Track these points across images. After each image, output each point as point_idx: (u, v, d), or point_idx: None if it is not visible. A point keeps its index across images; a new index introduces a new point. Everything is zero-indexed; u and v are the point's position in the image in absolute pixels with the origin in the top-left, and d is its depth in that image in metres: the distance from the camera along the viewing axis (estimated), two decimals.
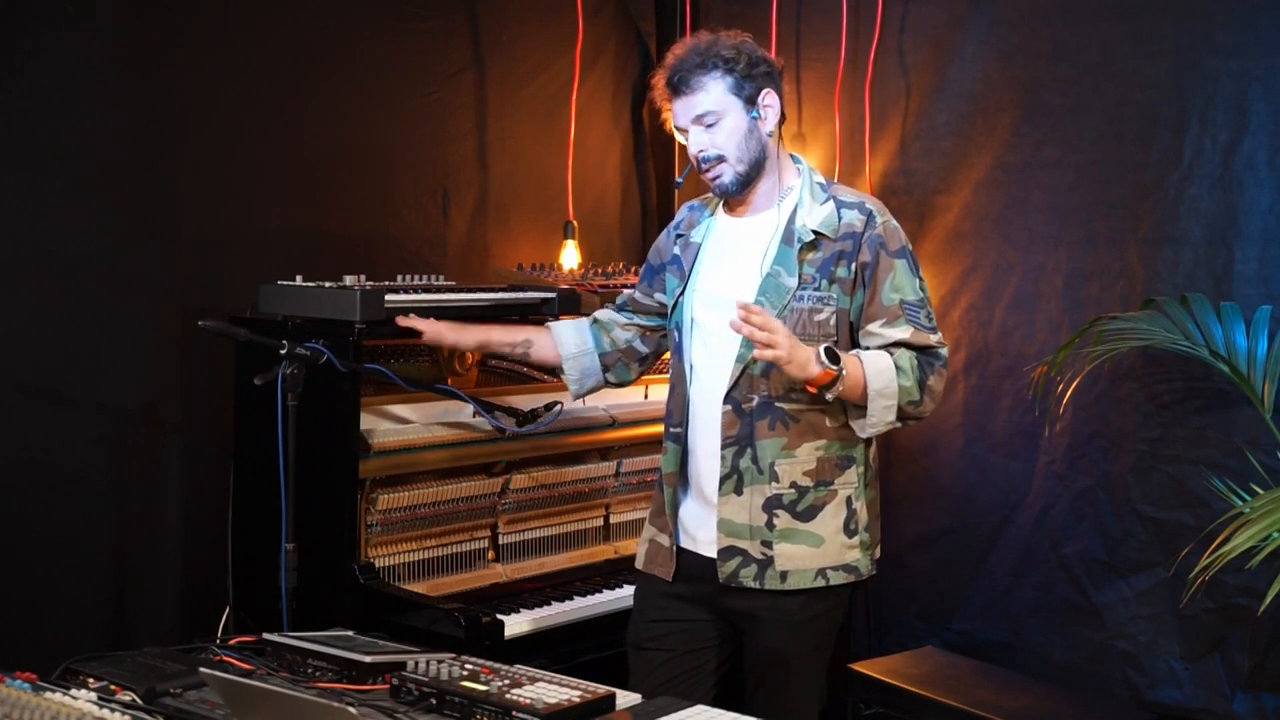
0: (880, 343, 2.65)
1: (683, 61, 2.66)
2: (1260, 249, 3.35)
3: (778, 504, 2.65)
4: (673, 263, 2.86)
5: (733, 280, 2.71)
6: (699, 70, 2.64)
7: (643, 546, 2.87)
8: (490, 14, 4.03)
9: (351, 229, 3.68)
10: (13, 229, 3.08)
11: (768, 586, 2.65)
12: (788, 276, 2.64)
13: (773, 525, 2.65)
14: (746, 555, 2.65)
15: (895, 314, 2.65)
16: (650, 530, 2.86)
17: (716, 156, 2.67)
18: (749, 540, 2.65)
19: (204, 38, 3.38)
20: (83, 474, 3.19)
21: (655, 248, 2.98)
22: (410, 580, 3.10)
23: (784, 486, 2.65)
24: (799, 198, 2.71)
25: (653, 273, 2.95)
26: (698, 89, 2.64)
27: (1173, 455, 3.48)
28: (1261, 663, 3.35)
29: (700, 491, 2.74)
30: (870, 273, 2.65)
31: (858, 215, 2.67)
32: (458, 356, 3.34)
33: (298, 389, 2.72)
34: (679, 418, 2.76)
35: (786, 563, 2.65)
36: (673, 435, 2.77)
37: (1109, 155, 3.60)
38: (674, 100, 2.69)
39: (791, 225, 2.68)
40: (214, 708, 2.10)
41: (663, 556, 2.79)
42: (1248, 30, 3.37)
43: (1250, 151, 3.37)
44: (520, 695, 2.05)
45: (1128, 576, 3.57)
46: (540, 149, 4.18)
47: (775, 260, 2.66)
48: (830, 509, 2.68)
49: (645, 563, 2.84)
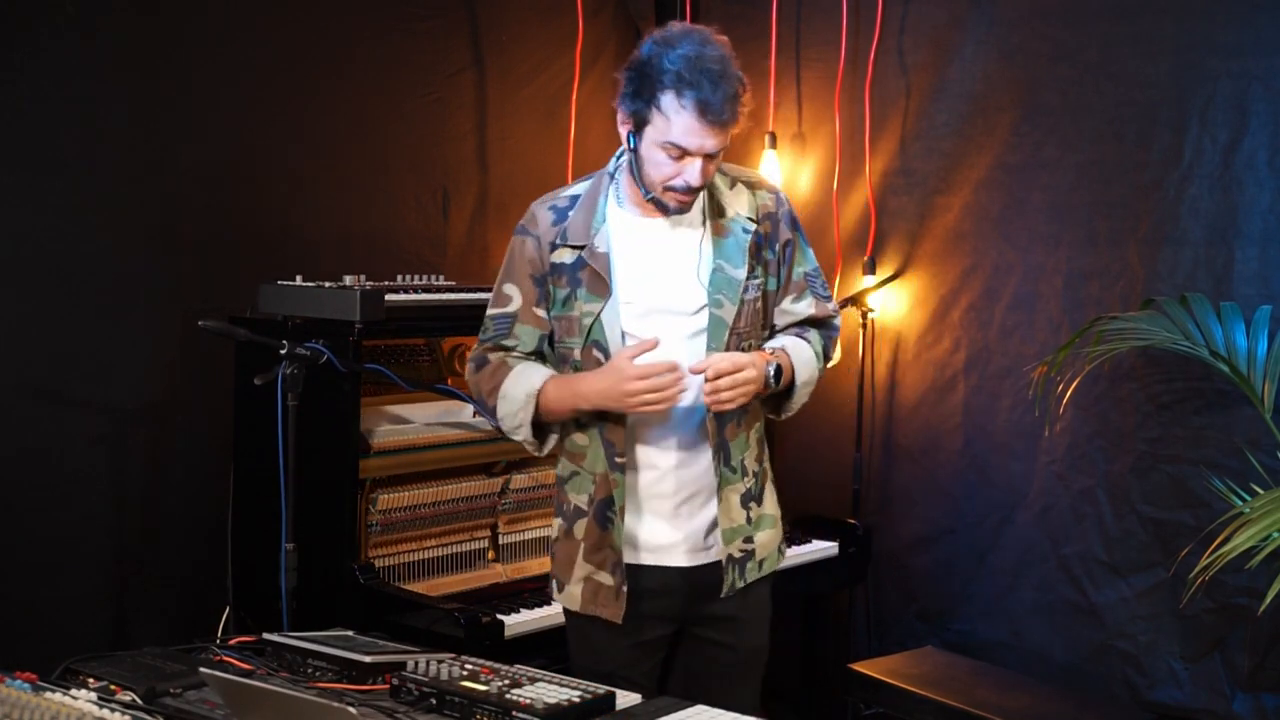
0: (790, 320, 2.62)
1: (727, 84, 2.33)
2: (1260, 249, 3.36)
3: (750, 496, 2.58)
4: (559, 273, 2.51)
5: (671, 285, 2.49)
6: (737, 101, 2.35)
7: (575, 586, 2.55)
8: (490, 14, 4.03)
9: (351, 229, 3.68)
10: (13, 229, 3.08)
11: (750, 579, 2.58)
12: (734, 269, 2.49)
13: (750, 519, 2.57)
14: (730, 558, 2.54)
15: (801, 287, 2.63)
16: (584, 568, 2.54)
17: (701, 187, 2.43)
18: (734, 543, 2.55)
19: (204, 38, 3.38)
20: (83, 474, 3.19)
21: (525, 260, 2.54)
22: (410, 580, 3.10)
23: (750, 478, 2.58)
24: (710, 185, 2.50)
25: (540, 287, 2.54)
26: (729, 123, 2.36)
27: (1173, 455, 3.48)
28: (1261, 663, 3.35)
29: (655, 510, 2.53)
30: (790, 250, 2.60)
31: (768, 195, 2.58)
32: (458, 356, 3.35)
33: (298, 389, 2.72)
34: (622, 446, 2.48)
35: (763, 551, 2.60)
36: (618, 465, 2.49)
37: (1109, 155, 3.60)
38: (702, 125, 2.34)
39: (721, 217, 2.51)
40: (214, 708, 2.10)
41: (606, 596, 2.52)
42: (1248, 30, 3.37)
43: (1250, 151, 3.37)
44: (520, 695, 2.05)
45: (1128, 576, 3.57)
46: (540, 149, 4.18)
47: (716, 253, 2.49)
48: (769, 487, 2.65)
49: (584, 604, 2.54)
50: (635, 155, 2.43)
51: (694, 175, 2.39)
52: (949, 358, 3.91)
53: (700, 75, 2.31)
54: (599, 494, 2.52)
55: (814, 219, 4.21)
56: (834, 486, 4.09)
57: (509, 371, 2.54)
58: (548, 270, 2.53)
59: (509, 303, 2.57)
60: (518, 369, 2.54)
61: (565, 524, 2.59)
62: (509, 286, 2.57)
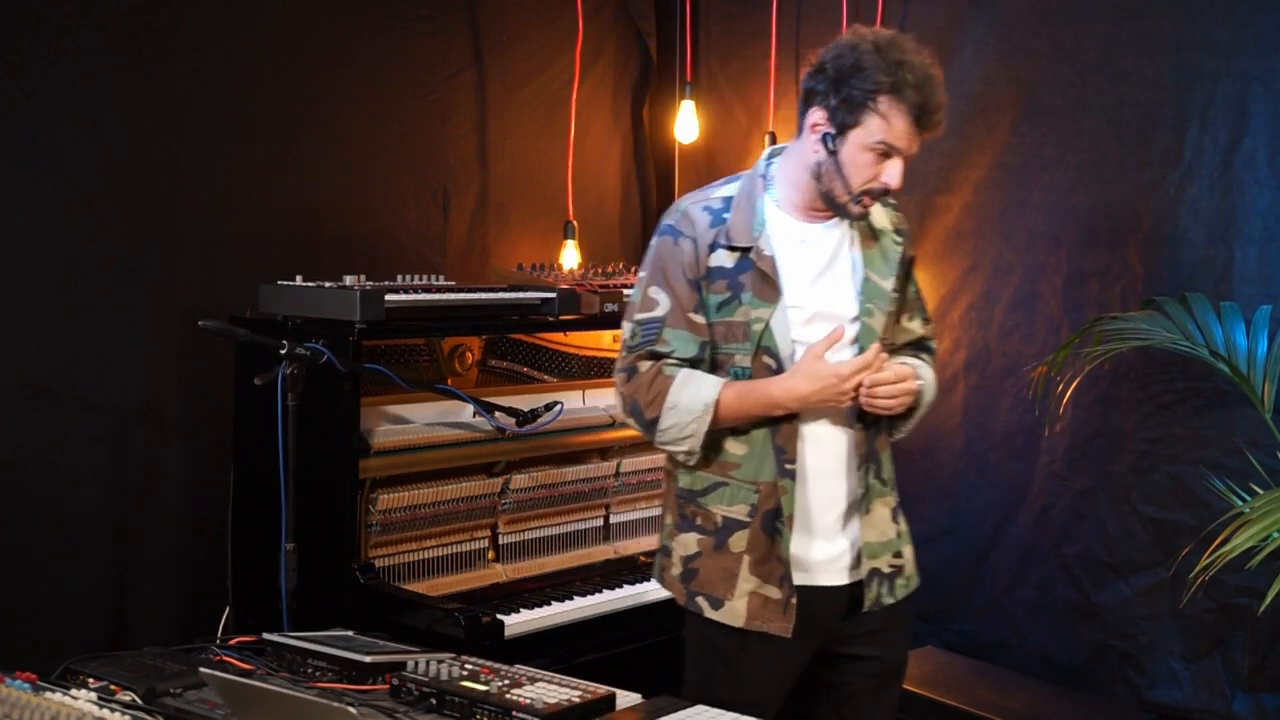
0: (907, 338, 2.60)
1: (938, 93, 2.39)
2: (1260, 249, 3.36)
3: (898, 511, 2.56)
4: (717, 277, 2.43)
5: (832, 292, 2.46)
6: (942, 112, 2.41)
7: (738, 601, 2.44)
8: (490, 14, 4.03)
9: (351, 229, 3.68)
10: (13, 229, 3.08)
11: (899, 596, 2.52)
12: (882, 280, 2.49)
13: (899, 533, 2.54)
14: (880, 573, 2.48)
15: (915, 305, 2.63)
16: (751, 581, 2.44)
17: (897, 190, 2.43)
18: (885, 557, 2.49)
19: (204, 38, 3.38)
20: (83, 474, 3.20)
21: (679, 263, 2.45)
22: (410, 580, 3.10)
23: (896, 492, 2.56)
24: None
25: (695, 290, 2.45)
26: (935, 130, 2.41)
27: (1173, 455, 3.48)
28: (1261, 663, 3.35)
29: (815, 525, 2.45)
30: (911, 267, 2.60)
31: (894, 211, 2.59)
32: (458, 356, 3.35)
33: (298, 389, 2.72)
34: (792, 451, 2.42)
35: (908, 566, 2.56)
36: (788, 473, 2.42)
37: (1109, 155, 3.60)
38: (912, 128, 2.37)
39: (869, 225, 2.51)
40: (214, 708, 2.10)
41: (773, 610, 2.43)
42: (1248, 30, 3.37)
43: (1250, 151, 3.37)
44: (520, 695, 2.05)
45: (1128, 576, 3.57)
46: (540, 149, 4.18)
47: (866, 263, 2.48)
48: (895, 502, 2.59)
49: (749, 619, 2.44)
50: (834, 158, 2.38)
51: (894, 176, 2.39)
52: (949, 358, 3.91)
53: (922, 80, 2.36)
54: (765, 504, 2.43)
55: None
56: None
57: (670, 382, 2.43)
58: (704, 274, 2.44)
59: (656, 307, 2.47)
60: (680, 378, 2.43)
61: (712, 538, 2.47)
62: (656, 290, 2.47)
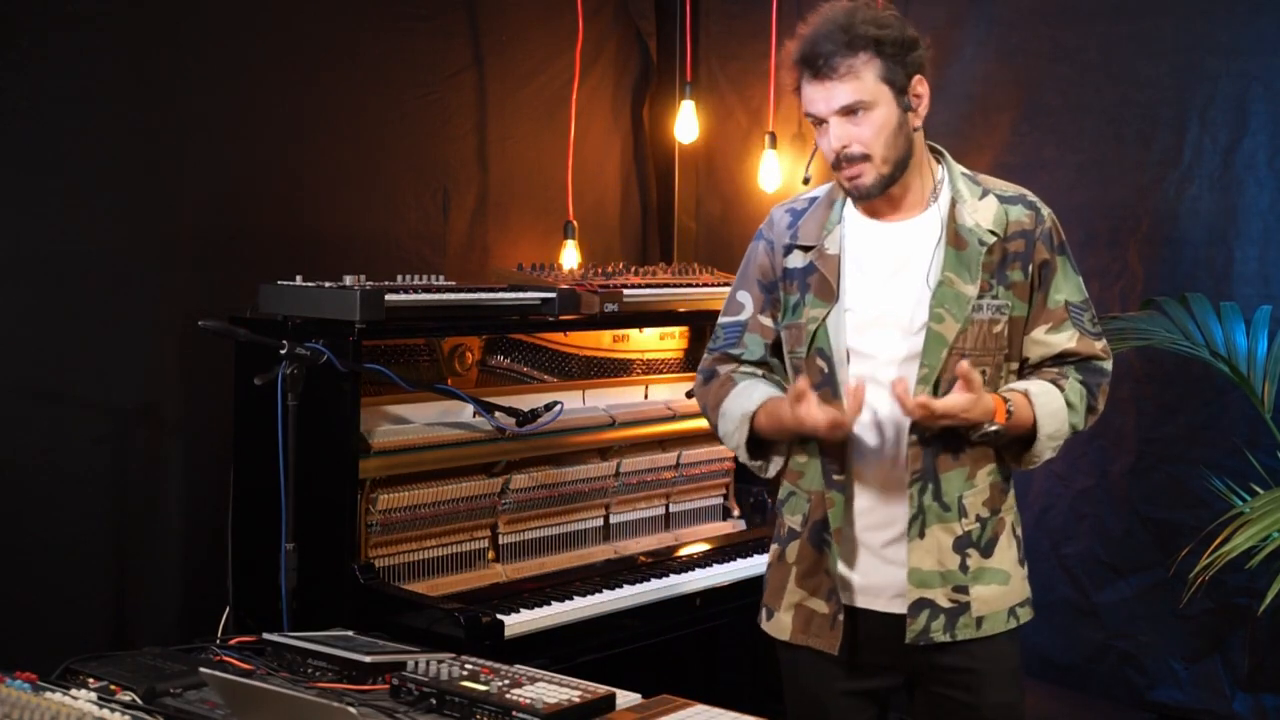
0: (1045, 352, 2.37)
1: (826, 38, 2.24)
2: (1260, 249, 3.36)
3: (968, 542, 2.33)
4: (790, 279, 2.42)
5: (896, 296, 2.34)
6: (846, 51, 2.23)
7: (787, 613, 2.43)
8: (490, 14, 4.03)
9: (351, 229, 3.68)
10: (13, 229, 3.08)
11: (960, 636, 2.32)
12: (964, 284, 2.30)
13: (966, 567, 2.32)
14: (934, 606, 2.31)
15: (1061, 317, 2.36)
16: (797, 593, 2.42)
17: (861, 155, 2.27)
18: (939, 588, 2.31)
19: (204, 38, 3.38)
20: (83, 474, 3.19)
21: (757, 265, 2.48)
22: (410, 580, 3.10)
23: (971, 521, 2.33)
24: (953, 192, 2.37)
25: (770, 295, 2.46)
26: (846, 74, 2.23)
27: (1173, 455, 3.48)
28: (1261, 663, 3.35)
29: (866, 543, 2.36)
30: (1046, 272, 2.36)
31: (1025, 211, 2.36)
32: (458, 356, 3.35)
33: (298, 389, 2.72)
34: (841, 463, 2.35)
35: (982, 607, 2.33)
36: (837, 484, 2.35)
37: (1109, 155, 3.60)
38: (812, 84, 2.27)
39: (958, 225, 2.33)
40: (214, 708, 2.10)
41: (820, 625, 2.38)
42: (1248, 30, 3.37)
43: (1250, 151, 3.38)
44: (520, 695, 2.05)
45: (1128, 576, 3.57)
46: (540, 149, 4.18)
47: (946, 266, 2.31)
48: (1003, 540, 2.37)
49: (795, 632, 2.42)
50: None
51: (827, 143, 2.30)
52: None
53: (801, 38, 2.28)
54: (815, 514, 2.39)
55: None
56: None
57: (731, 389, 2.46)
58: (779, 276, 2.43)
59: (741, 310, 2.49)
60: (740, 386, 2.45)
61: (779, 548, 2.47)
62: (741, 294, 2.49)
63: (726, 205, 4.48)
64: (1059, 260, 2.38)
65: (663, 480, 3.70)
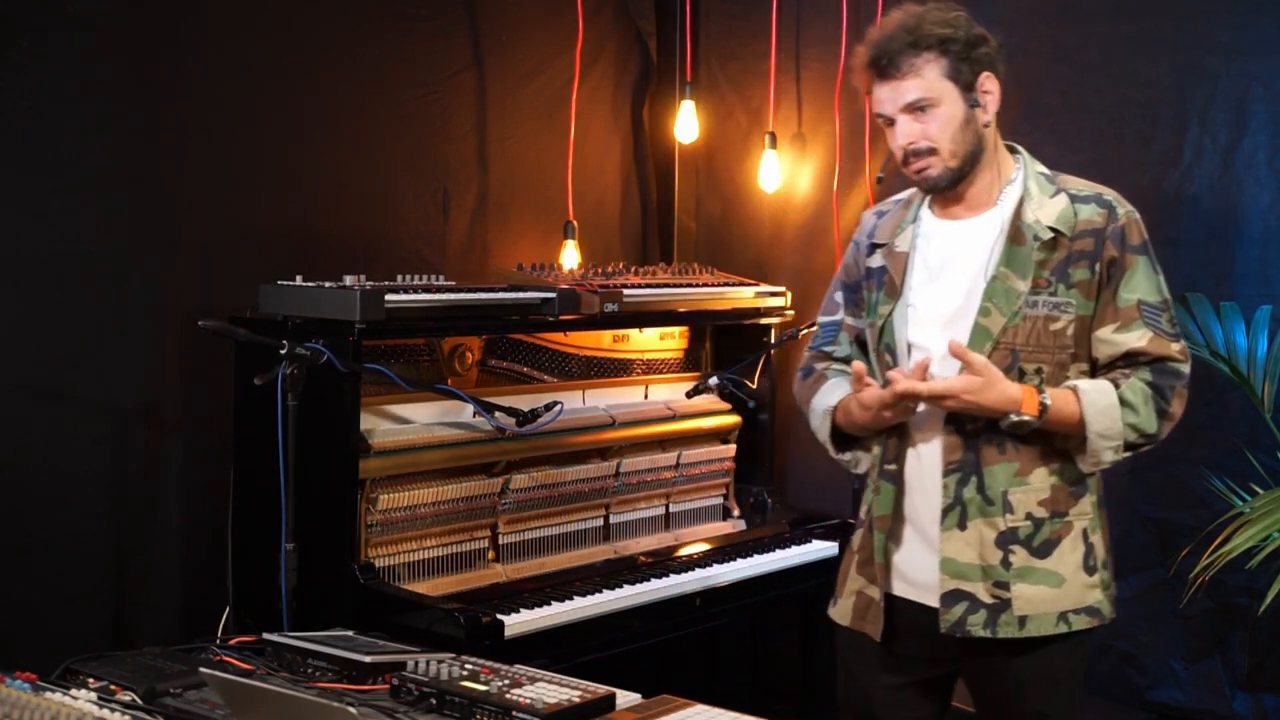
0: (1112, 351, 2.36)
1: (890, 40, 2.33)
2: (1260, 249, 3.36)
3: (1013, 539, 2.33)
4: (870, 277, 2.52)
5: (953, 292, 2.39)
6: (910, 50, 2.32)
7: (848, 599, 2.52)
8: (490, 14, 4.03)
9: (351, 229, 3.68)
10: (13, 229, 3.08)
11: (1001, 634, 2.32)
12: (1018, 279, 2.34)
13: (1009, 564, 2.33)
14: (974, 600, 2.33)
15: (1131, 316, 2.35)
16: (858, 580, 2.51)
17: (927, 149, 2.35)
18: (978, 582, 2.33)
19: (204, 38, 3.38)
20: (83, 474, 3.19)
21: (844, 266, 2.63)
22: (410, 580, 3.10)
23: (1019, 518, 2.33)
24: (1023, 190, 2.41)
25: (853, 295, 2.59)
26: (909, 72, 2.32)
27: (1173, 455, 3.47)
28: (1261, 663, 3.35)
29: (922, 533, 2.41)
30: (1115, 271, 2.36)
31: (1097, 209, 2.37)
32: (458, 356, 3.35)
33: (298, 389, 2.72)
34: (894, 453, 2.43)
35: (1026, 606, 2.33)
36: (887, 474, 2.43)
37: (1109, 155, 3.60)
38: (879, 84, 2.36)
39: (1020, 221, 2.37)
40: (214, 708, 2.10)
41: (874, 612, 2.45)
42: (1248, 30, 3.37)
43: (1250, 151, 3.38)
44: (520, 695, 2.05)
45: (1128, 576, 3.56)
46: (540, 149, 4.18)
47: (1001, 261, 2.35)
48: (1067, 544, 2.36)
49: (854, 618, 2.50)
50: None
51: (895, 140, 2.40)
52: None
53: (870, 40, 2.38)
54: (872, 504, 2.49)
55: (814, 219, 4.21)
56: (834, 486, 4.08)
57: (821, 385, 2.58)
58: (862, 275, 2.55)
59: (835, 310, 2.63)
60: (828, 384, 2.57)
61: (854, 537, 2.58)
62: (836, 294, 2.64)
63: (726, 205, 4.48)
64: (1134, 259, 2.37)
65: (663, 480, 3.70)
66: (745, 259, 4.33)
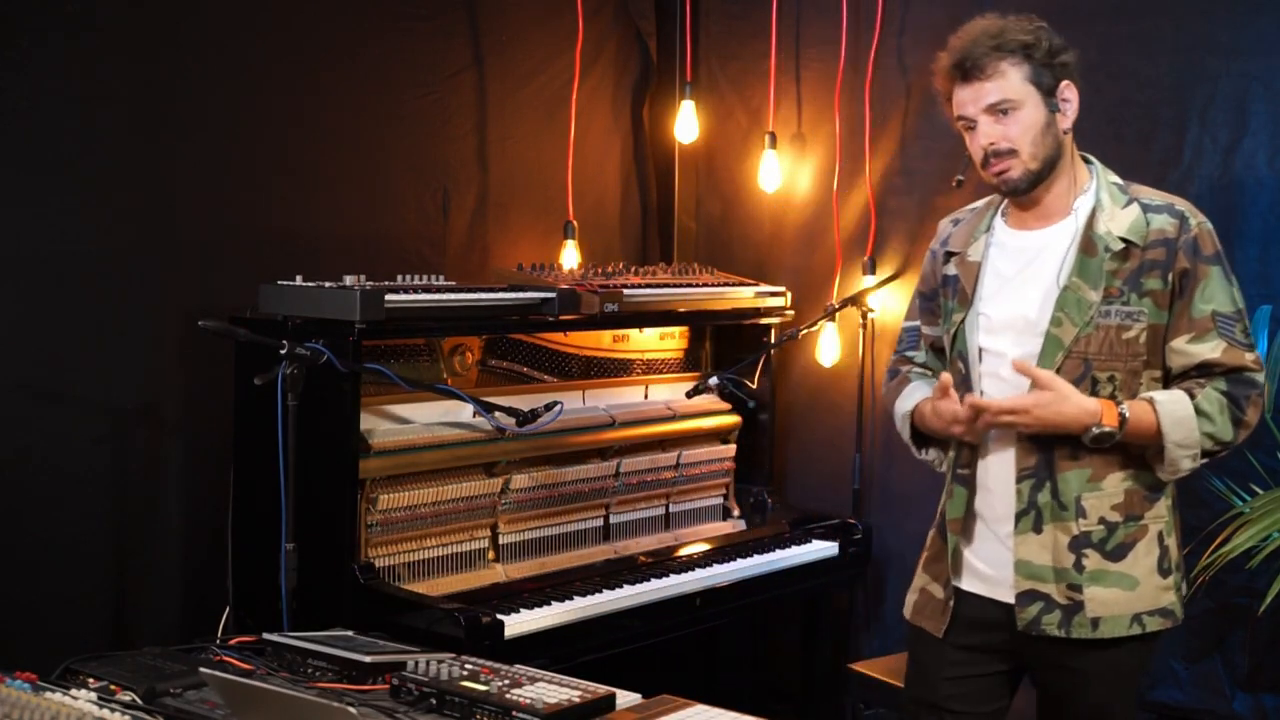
0: (1186, 362, 2.38)
1: (974, 44, 2.39)
2: (1260, 249, 3.36)
3: (1086, 543, 2.38)
4: (946, 285, 2.58)
5: (1025, 300, 2.43)
6: (994, 54, 2.38)
7: (912, 595, 2.62)
8: (490, 14, 4.03)
9: (351, 229, 3.68)
10: (13, 229, 3.08)
11: (1075, 635, 2.37)
12: (1089, 290, 2.37)
13: (1081, 566, 2.37)
14: (1049, 600, 2.38)
15: (1206, 327, 2.37)
16: (923, 578, 2.60)
17: (1008, 150, 2.38)
18: (1052, 583, 2.38)
19: (204, 38, 3.38)
20: (83, 474, 3.19)
21: (922, 274, 2.70)
22: (410, 580, 3.10)
23: (1092, 523, 2.38)
24: (1096, 201, 2.43)
25: (929, 303, 2.66)
26: (992, 75, 2.38)
27: None
28: (1261, 663, 3.35)
29: (994, 533, 2.46)
30: (1188, 281, 2.38)
31: (1169, 220, 2.39)
32: (458, 356, 3.35)
33: (298, 389, 2.72)
34: (967, 457, 2.49)
35: (1099, 608, 2.37)
36: (960, 478, 2.50)
37: (1109, 155, 3.57)
38: (961, 87, 2.41)
39: (1091, 232, 2.40)
40: (214, 708, 2.10)
41: (934, 609, 2.53)
42: (1248, 30, 3.37)
43: (1250, 151, 3.37)
44: (520, 695, 2.05)
45: None
46: (540, 149, 4.18)
47: (1074, 271, 2.38)
48: (1142, 547, 2.40)
49: (914, 613, 2.59)
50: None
51: (976, 143, 2.43)
52: None
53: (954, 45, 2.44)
54: (945, 505, 2.56)
55: (814, 219, 4.21)
56: (834, 486, 4.09)
57: (904, 388, 2.64)
58: (939, 283, 2.61)
59: (916, 316, 2.72)
60: (910, 386, 2.64)
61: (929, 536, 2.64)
62: (916, 301, 2.72)
63: (726, 205, 4.48)
64: (1207, 269, 2.39)
65: (663, 480, 3.70)
66: (745, 259, 4.33)
